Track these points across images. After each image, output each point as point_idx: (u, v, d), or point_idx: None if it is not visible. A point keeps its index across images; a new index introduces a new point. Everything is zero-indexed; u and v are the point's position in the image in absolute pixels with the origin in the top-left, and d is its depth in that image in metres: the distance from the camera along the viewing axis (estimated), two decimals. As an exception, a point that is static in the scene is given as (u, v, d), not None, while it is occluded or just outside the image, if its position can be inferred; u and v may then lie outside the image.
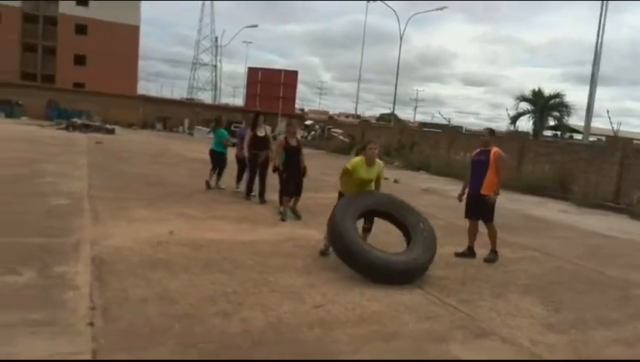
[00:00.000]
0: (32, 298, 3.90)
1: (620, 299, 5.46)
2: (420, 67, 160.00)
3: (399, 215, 5.93)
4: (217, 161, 10.79)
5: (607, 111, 20.20)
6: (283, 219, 7.91)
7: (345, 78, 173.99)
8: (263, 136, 9.42)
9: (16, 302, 3.77)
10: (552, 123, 25.73)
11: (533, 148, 17.62)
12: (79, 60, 47.71)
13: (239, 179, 10.48)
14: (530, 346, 3.90)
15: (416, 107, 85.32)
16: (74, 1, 47.53)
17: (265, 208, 8.83)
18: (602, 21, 21.76)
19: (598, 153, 15.39)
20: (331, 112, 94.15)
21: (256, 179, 9.55)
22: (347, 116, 73.39)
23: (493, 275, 5.91)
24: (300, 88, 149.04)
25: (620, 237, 9.33)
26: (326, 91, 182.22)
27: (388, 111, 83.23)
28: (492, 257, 6.53)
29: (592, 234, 9.42)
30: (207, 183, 10.58)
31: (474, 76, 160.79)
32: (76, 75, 45.89)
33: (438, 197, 12.76)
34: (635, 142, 16.79)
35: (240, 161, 10.28)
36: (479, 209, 6.63)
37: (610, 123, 18.38)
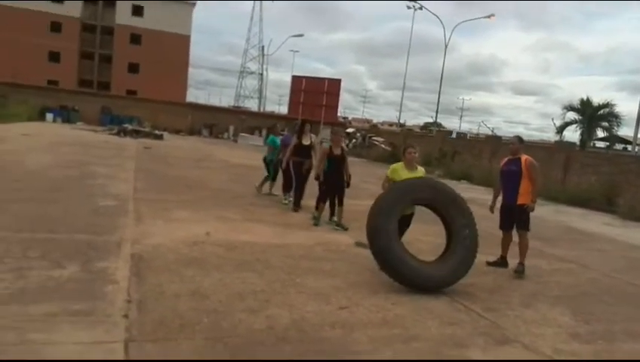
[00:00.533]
0: (74, 290, 4.19)
1: (656, 313, 5.32)
2: (468, 75, 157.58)
3: (447, 213, 5.51)
4: (267, 167, 10.94)
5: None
6: (316, 224, 8.05)
7: (390, 86, 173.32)
8: (307, 144, 9.40)
9: (59, 294, 4.07)
10: (600, 134, 24.89)
11: (579, 158, 17.14)
12: (133, 68, 49.67)
13: (285, 189, 10.06)
14: (552, 354, 3.89)
15: (461, 116, 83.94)
16: (130, 12, 49.62)
17: (300, 214, 9.01)
18: None
19: (649, 165, 14.85)
20: (375, 121, 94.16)
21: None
22: (390, 125, 73.12)
23: (523, 285, 5.87)
24: (345, 96, 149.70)
25: (665, 252, 9.00)
26: (370, 100, 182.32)
27: (432, 120, 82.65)
28: (520, 269, 6.34)
29: (633, 248, 9.14)
30: (258, 188, 10.97)
31: (524, 85, 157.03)
32: (129, 83, 47.82)
33: (476, 207, 12.47)
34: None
35: (285, 170, 9.86)
36: (516, 219, 6.51)
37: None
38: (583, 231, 10.56)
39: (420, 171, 6.32)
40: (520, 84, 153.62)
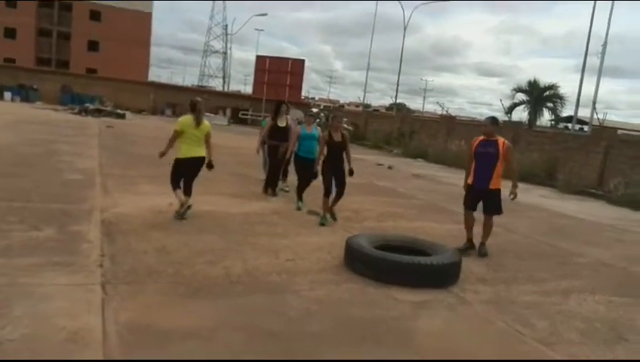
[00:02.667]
0: (53, 248, 4.79)
1: (558, 264, 6.27)
2: (433, 56, 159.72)
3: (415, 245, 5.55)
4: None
5: (593, 103, 20.69)
6: (322, 224, 7.04)
7: (356, 66, 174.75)
8: (284, 126, 8.90)
9: (40, 250, 4.67)
10: (547, 114, 26.42)
11: (525, 137, 18.29)
12: (92, 46, 48.81)
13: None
14: (459, 291, 4.74)
15: (424, 97, 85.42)
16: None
17: (258, 186, 9.66)
18: (611, 11, 22.33)
19: (585, 143, 16.07)
20: (342, 101, 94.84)
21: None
22: (357, 105, 73.96)
23: (453, 245, 6.72)
24: (311, 76, 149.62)
25: (587, 219, 10.10)
26: (337, 80, 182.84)
27: (399, 100, 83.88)
28: (484, 250, 6.28)
29: (561, 216, 10.20)
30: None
31: (488, 66, 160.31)
32: (89, 61, 47.03)
33: (425, 182, 13.55)
34: (620, 132, 17.39)
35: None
36: (488, 202, 6.35)
37: (596, 113, 18.90)
38: (519, 202, 11.54)
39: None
40: (483, 66, 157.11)
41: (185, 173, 6.79)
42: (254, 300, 4.05)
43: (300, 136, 8.03)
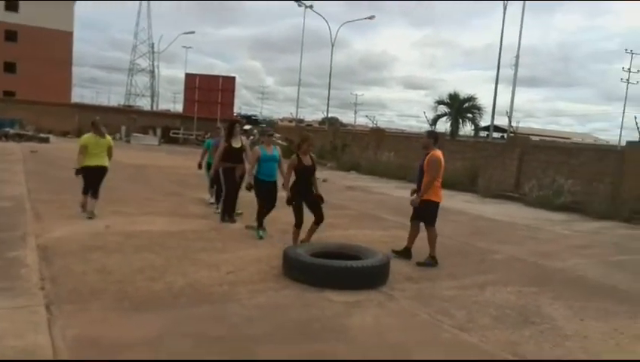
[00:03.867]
0: (-10, 274, 4.79)
1: (477, 262, 6.90)
2: (362, 71, 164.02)
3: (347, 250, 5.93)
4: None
5: (507, 112, 22.29)
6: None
7: (287, 82, 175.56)
8: (239, 147, 8.43)
9: (-23, 277, 4.67)
10: (468, 125, 28.20)
11: (448, 146, 19.36)
12: (9, 68, 46.47)
13: (217, 199, 9.32)
14: (388, 290, 5.18)
15: (355, 111, 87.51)
16: (2, 7, 46.28)
17: (195, 205, 9.81)
18: (521, 24, 24.18)
19: (502, 150, 17.30)
20: (275, 117, 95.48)
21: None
22: (291, 121, 74.74)
23: (381, 248, 7.20)
24: (243, 93, 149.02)
25: (503, 220, 10.97)
26: (269, 95, 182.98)
27: (331, 114, 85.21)
28: (429, 262, 6.44)
29: (480, 218, 11.03)
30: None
31: (414, 79, 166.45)
32: (6, 83, 44.72)
33: (358, 193, 14.15)
34: (533, 138, 18.82)
35: (214, 177, 9.10)
36: (420, 212, 6.69)
37: (510, 121, 20.38)
38: (444, 207, 12.33)
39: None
40: (410, 79, 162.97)
41: (91, 180, 8.16)
42: (198, 310, 4.29)
43: (259, 158, 7.38)
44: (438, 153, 6.70)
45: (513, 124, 21.74)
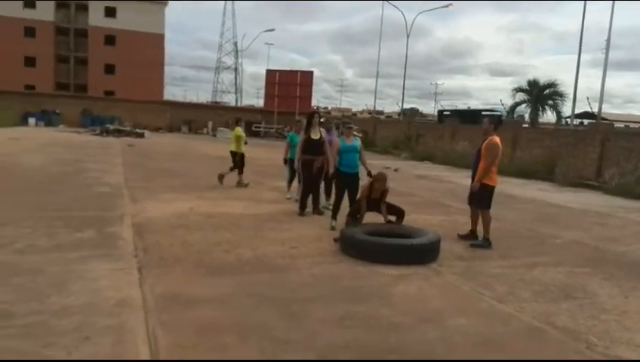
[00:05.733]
0: (95, 244, 5.75)
1: (534, 245, 7.06)
2: (445, 59, 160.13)
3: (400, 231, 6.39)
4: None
5: (587, 98, 21.24)
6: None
7: (367, 74, 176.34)
8: (317, 138, 8.40)
9: (84, 246, 5.63)
10: (549, 112, 27.00)
11: (525, 135, 18.99)
12: (109, 69, 50.55)
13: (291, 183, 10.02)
14: (436, 266, 5.58)
15: (435, 100, 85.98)
16: (102, 13, 50.38)
17: (271, 192, 10.59)
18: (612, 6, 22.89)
19: (583, 137, 16.72)
20: (354, 109, 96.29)
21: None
22: (370, 112, 75.16)
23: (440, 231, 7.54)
24: (324, 86, 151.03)
25: (574, 207, 10.82)
26: (349, 88, 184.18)
27: (411, 105, 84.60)
28: (482, 243, 6.67)
29: (550, 206, 10.93)
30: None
31: (500, 66, 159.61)
32: (106, 84, 48.71)
33: (427, 182, 14.37)
34: (616, 125, 17.96)
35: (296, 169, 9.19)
36: (475, 196, 6.92)
37: (590, 108, 19.49)
38: (513, 196, 12.32)
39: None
40: (496, 66, 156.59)
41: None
42: (261, 276, 4.95)
43: (339, 150, 7.46)
44: (497, 139, 6.85)
45: (611, 110, 20.71)
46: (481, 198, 6.86)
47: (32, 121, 31.38)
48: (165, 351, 3.28)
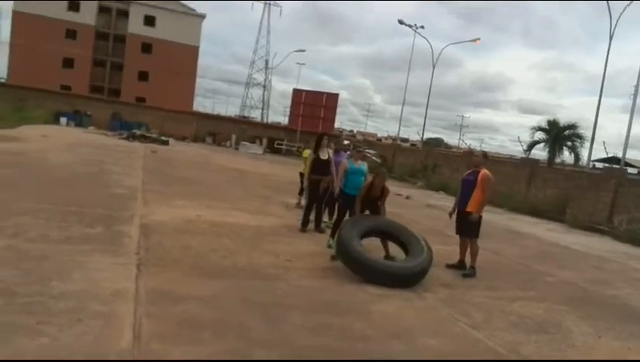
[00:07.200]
0: (103, 240, 6.15)
1: (523, 280, 7.23)
2: (475, 92, 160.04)
3: (397, 232, 6.84)
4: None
5: (604, 143, 21.22)
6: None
7: (395, 100, 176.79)
8: (325, 159, 8.75)
9: (93, 241, 6.03)
10: (566, 153, 26.98)
11: (541, 174, 19.04)
12: (143, 76, 52.01)
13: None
14: (421, 291, 5.81)
15: (460, 132, 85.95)
16: (142, 22, 52.09)
17: (278, 206, 10.93)
18: None
19: (597, 181, 16.72)
20: (379, 134, 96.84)
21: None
22: (394, 139, 75.57)
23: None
24: (350, 109, 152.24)
25: (577, 249, 10.89)
26: (376, 113, 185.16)
27: (436, 135, 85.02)
28: (470, 272, 6.91)
29: (552, 245, 11.02)
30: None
31: (531, 104, 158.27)
32: (139, 90, 50.11)
33: (435, 211, 14.53)
34: (630, 171, 17.87)
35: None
36: (465, 225, 7.13)
37: (606, 152, 19.47)
38: (520, 233, 12.45)
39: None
40: (525, 103, 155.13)
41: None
42: (251, 283, 5.27)
43: (347, 171, 7.70)
44: (488, 172, 7.17)
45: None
46: (473, 228, 7.08)
47: (63, 120, 32.50)
48: (147, 338, 3.60)
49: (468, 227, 7.11)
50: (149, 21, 52.55)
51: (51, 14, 47.75)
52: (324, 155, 8.77)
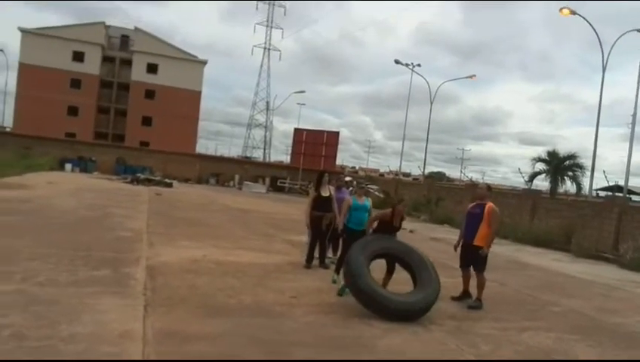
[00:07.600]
0: (109, 282, 6.21)
1: (530, 311, 7.20)
2: (475, 126, 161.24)
3: (408, 257, 6.74)
4: None
5: (604, 172, 21.35)
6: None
7: (395, 136, 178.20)
8: (327, 196, 8.87)
9: (100, 283, 6.09)
10: (569, 183, 27.12)
11: (544, 204, 19.09)
12: (146, 121, 52.85)
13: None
14: (428, 324, 5.81)
15: (462, 165, 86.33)
16: (145, 69, 53.23)
17: (282, 244, 10.99)
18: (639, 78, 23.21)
19: (600, 210, 16.75)
20: (382, 170, 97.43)
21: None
22: (396, 174, 75.94)
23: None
24: (352, 146, 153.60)
25: (583, 278, 10.84)
26: (377, 149, 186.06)
27: (438, 169, 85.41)
28: (476, 304, 6.89)
29: (558, 275, 10.99)
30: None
31: (531, 135, 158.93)
32: (143, 135, 50.83)
33: (440, 244, 14.54)
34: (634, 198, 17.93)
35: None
36: (472, 258, 7.13)
37: (607, 181, 19.57)
38: (525, 263, 12.41)
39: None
40: (526, 135, 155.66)
41: None
42: (257, 320, 5.29)
43: (350, 207, 7.77)
44: (494, 205, 7.22)
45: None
46: (481, 261, 7.11)
47: (68, 166, 32.89)
48: (155, 377, 3.64)
49: (476, 260, 7.12)
50: (152, 68, 53.72)
51: (56, 65, 48.97)
52: (325, 192, 8.92)
